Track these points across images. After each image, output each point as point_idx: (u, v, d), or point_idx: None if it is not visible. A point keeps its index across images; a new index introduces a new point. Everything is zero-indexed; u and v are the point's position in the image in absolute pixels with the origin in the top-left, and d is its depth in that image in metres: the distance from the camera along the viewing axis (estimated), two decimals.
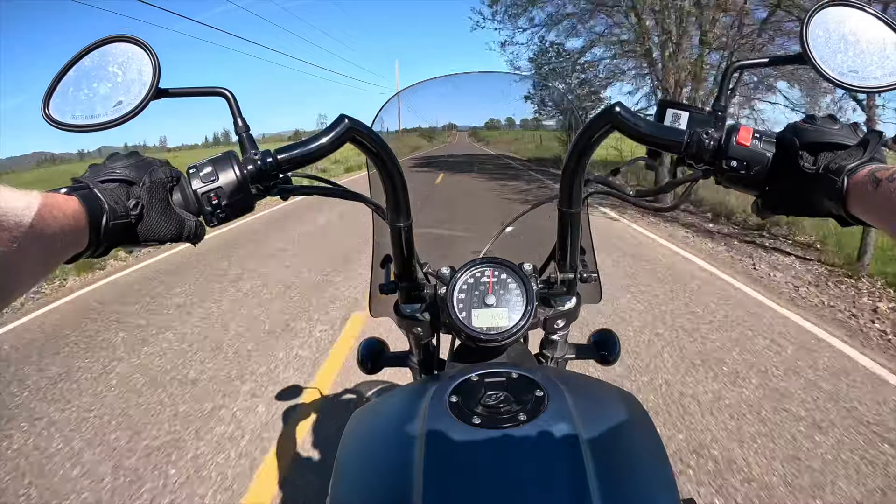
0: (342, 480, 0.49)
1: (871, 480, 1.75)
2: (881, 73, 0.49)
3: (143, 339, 3.16)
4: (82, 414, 2.34)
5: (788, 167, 0.46)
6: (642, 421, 0.51)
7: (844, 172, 0.42)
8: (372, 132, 0.52)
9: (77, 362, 2.91)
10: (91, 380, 2.68)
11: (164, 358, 2.87)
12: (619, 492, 0.40)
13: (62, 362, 2.92)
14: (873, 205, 0.40)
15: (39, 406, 2.44)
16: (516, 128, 1.38)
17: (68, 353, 3.07)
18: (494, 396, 0.48)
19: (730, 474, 1.78)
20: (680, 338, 2.92)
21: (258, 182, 0.49)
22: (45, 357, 3.02)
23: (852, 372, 2.53)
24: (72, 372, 2.78)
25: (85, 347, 3.13)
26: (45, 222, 0.35)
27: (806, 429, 2.04)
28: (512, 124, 1.26)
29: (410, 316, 0.67)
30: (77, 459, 2.00)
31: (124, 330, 3.37)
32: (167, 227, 0.46)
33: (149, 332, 3.27)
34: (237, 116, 0.50)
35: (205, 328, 3.28)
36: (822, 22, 0.49)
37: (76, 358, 2.97)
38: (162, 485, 1.82)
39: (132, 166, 0.45)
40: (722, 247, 5.34)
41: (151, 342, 3.11)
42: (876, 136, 0.43)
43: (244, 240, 5.97)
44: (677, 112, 0.53)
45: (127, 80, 0.49)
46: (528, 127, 1.17)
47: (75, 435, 2.17)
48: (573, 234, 0.60)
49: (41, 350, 3.13)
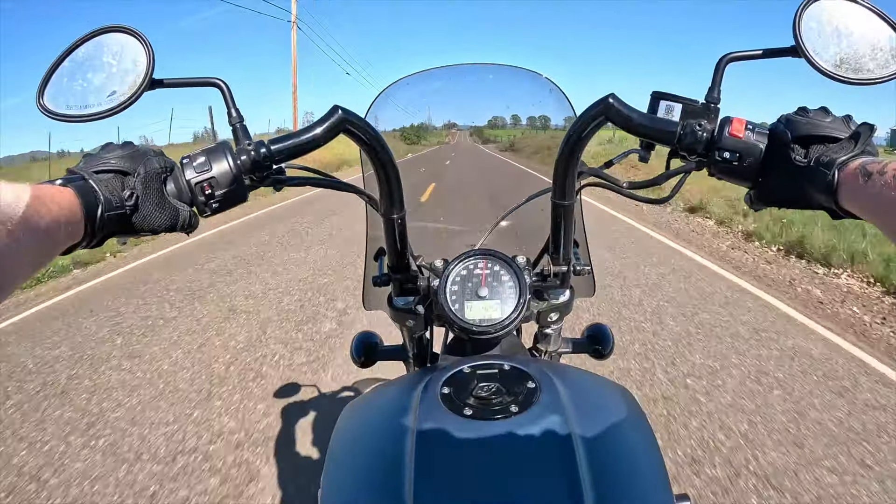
0: (334, 472, 0.49)
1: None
2: (874, 65, 0.49)
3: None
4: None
5: (781, 159, 0.46)
6: (635, 414, 0.51)
7: (835, 165, 0.42)
8: (365, 123, 0.52)
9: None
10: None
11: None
12: (611, 484, 0.40)
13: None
14: (864, 198, 0.40)
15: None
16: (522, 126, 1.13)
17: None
18: (486, 388, 0.48)
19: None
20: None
21: (252, 172, 0.49)
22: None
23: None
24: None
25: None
26: (37, 215, 0.34)
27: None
28: (517, 122, 1.08)
29: (404, 308, 0.67)
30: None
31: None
32: (162, 218, 0.46)
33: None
34: (231, 107, 0.50)
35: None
36: (815, 14, 0.49)
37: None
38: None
39: (127, 156, 0.45)
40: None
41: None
42: (867, 129, 0.43)
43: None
44: (670, 104, 0.53)
45: (121, 71, 0.49)
46: (535, 126, 1.01)
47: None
48: (566, 227, 0.60)
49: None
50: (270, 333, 3.01)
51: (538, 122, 1.00)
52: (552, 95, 0.86)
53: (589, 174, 0.61)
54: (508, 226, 0.78)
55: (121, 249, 5.22)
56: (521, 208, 0.73)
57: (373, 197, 0.60)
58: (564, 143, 0.53)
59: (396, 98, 0.85)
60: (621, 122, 0.49)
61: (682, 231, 6.04)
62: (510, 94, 0.95)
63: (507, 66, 0.87)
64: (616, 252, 4.77)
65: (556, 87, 0.85)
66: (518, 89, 0.92)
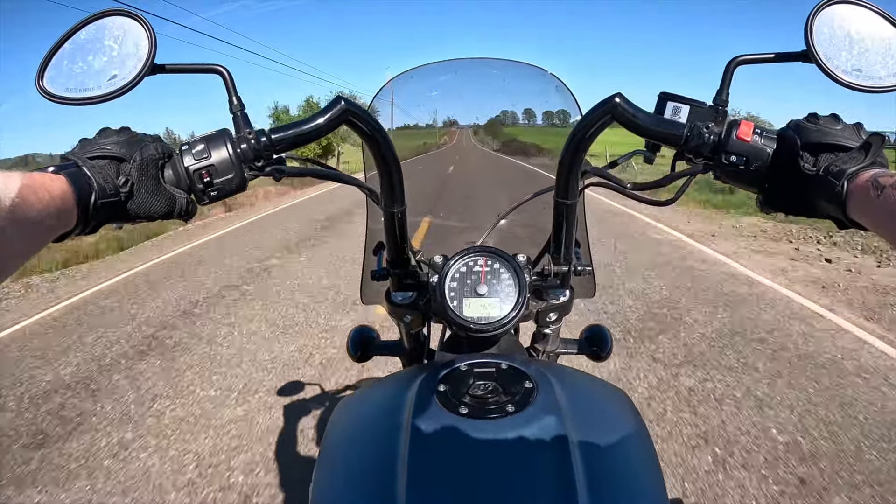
0: (327, 468, 0.48)
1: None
2: (885, 72, 0.48)
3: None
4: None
5: (789, 165, 0.45)
6: (631, 417, 0.51)
7: (845, 176, 0.41)
8: (367, 114, 0.51)
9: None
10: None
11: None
12: (606, 486, 0.40)
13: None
14: (875, 211, 0.39)
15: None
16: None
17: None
18: (483, 387, 0.48)
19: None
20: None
21: (252, 161, 0.48)
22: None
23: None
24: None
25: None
26: (27, 203, 0.34)
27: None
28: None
29: (401, 304, 0.67)
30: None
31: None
32: (157, 205, 0.45)
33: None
34: (232, 94, 0.49)
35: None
36: (828, 19, 0.48)
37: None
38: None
39: (123, 142, 0.45)
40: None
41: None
42: (879, 140, 0.42)
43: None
44: (677, 105, 0.52)
45: (122, 55, 0.48)
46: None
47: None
48: (568, 226, 0.60)
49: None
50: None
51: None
52: (558, 92, 0.85)
53: (592, 173, 0.60)
54: (509, 224, 0.78)
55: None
56: (523, 207, 0.73)
57: (373, 190, 0.59)
58: (569, 141, 0.52)
59: (400, 91, 0.85)
60: (627, 122, 0.48)
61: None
62: (515, 89, 0.93)
63: (513, 62, 0.85)
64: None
65: (561, 83, 0.84)
66: (523, 85, 0.91)
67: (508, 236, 0.78)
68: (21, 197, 0.33)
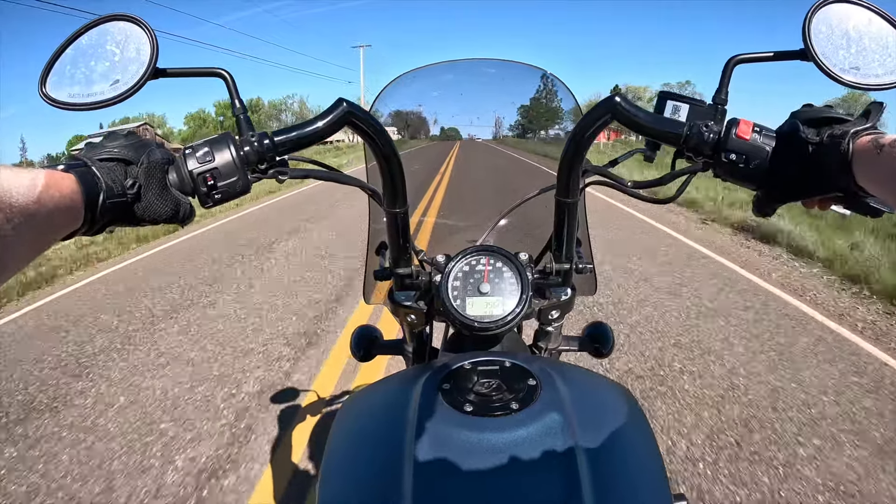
0: (332, 465, 0.49)
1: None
2: (882, 70, 0.48)
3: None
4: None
5: (791, 147, 0.45)
6: (635, 414, 0.51)
7: (849, 136, 0.41)
8: (369, 116, 0.51)
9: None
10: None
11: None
12: (609, 483, 0.40)
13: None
14: (878, 171, 0.39)
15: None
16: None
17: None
18: (487, 384, 0.48)
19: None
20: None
21: (255, 164, 0.48)
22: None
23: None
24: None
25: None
26: (41, 201, 0.34)
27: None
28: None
29: (405, 303, 0.67)
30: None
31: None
32: (164, 208, 0.46)
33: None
34: (235, 97, 0.50)
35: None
36: (825, 18, 0.49)
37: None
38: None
39: (130, 146, 0.45)
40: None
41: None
42: (878, 107, 0.43)
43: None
44: (677, 104, 0.52)
45: (124, 59, 0.48)
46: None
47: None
48: (570, 224, 0.60)
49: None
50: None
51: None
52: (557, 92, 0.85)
53: (593, 172, 0.61)
54: (511, 222, 0.78)
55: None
56: (524, 206, 0.73)
57: (376, 191, 0.60)
58: (570, 140, 0.53)
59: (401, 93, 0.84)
60: (627, 121, 0.49)
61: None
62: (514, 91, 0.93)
63: (511, 62, 0.85)
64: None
65: (561, 83, 0.84)
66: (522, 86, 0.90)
67: (509, 235, 0.79)
68: (39, 195, 0.34)
